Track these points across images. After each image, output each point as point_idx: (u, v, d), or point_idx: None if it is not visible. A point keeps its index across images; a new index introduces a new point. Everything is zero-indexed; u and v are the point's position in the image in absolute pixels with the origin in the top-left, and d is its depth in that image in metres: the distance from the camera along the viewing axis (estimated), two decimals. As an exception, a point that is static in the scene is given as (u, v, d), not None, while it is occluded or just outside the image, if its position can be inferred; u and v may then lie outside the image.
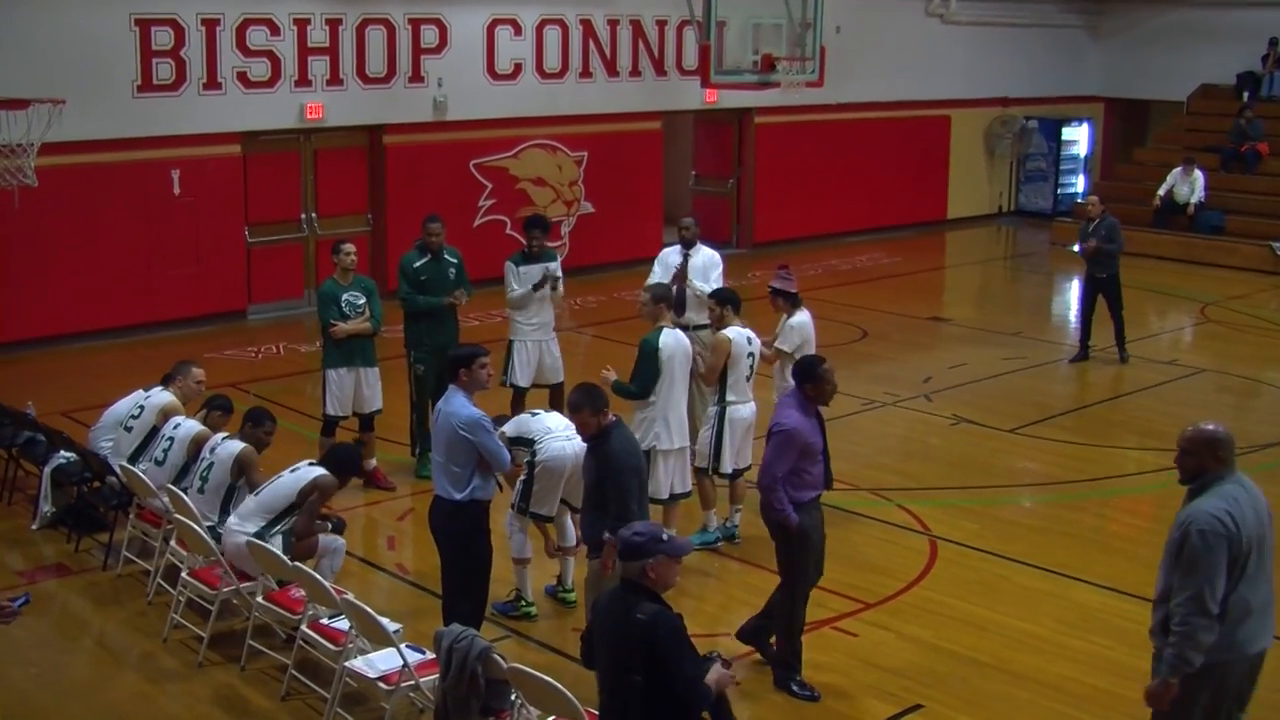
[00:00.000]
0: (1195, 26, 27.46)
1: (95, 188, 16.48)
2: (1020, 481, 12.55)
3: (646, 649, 5.54)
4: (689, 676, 5.57)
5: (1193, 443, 6.29)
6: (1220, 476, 6.24)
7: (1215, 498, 6.17)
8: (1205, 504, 6.15)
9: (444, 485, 8.23)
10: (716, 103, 22.40)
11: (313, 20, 18.10)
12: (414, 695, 7.57)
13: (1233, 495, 6.19)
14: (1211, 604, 6.06)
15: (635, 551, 5.67)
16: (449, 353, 8.78)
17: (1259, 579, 6.26)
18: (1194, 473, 6.29)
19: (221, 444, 9.47)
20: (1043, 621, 9.38)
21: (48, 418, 12.07)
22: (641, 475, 7.93)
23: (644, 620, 5.54)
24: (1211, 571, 6.06)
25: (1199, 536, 6.08)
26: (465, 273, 12.22)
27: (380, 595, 9.69)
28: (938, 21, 26.04)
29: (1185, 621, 6.11)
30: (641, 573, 5.65)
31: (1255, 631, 6.31)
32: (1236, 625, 6.21)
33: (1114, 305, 16.20)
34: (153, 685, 8.47)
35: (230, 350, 16.65)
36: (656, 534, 5.73)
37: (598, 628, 5.87)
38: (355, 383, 11.59)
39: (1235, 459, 6.37)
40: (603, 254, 21.23)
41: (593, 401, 7.80)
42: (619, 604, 5.71)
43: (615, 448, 7.79)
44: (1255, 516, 6.23)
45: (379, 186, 19.25)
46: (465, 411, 8.20)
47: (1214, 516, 6.09)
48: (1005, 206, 28.56)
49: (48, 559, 10.41)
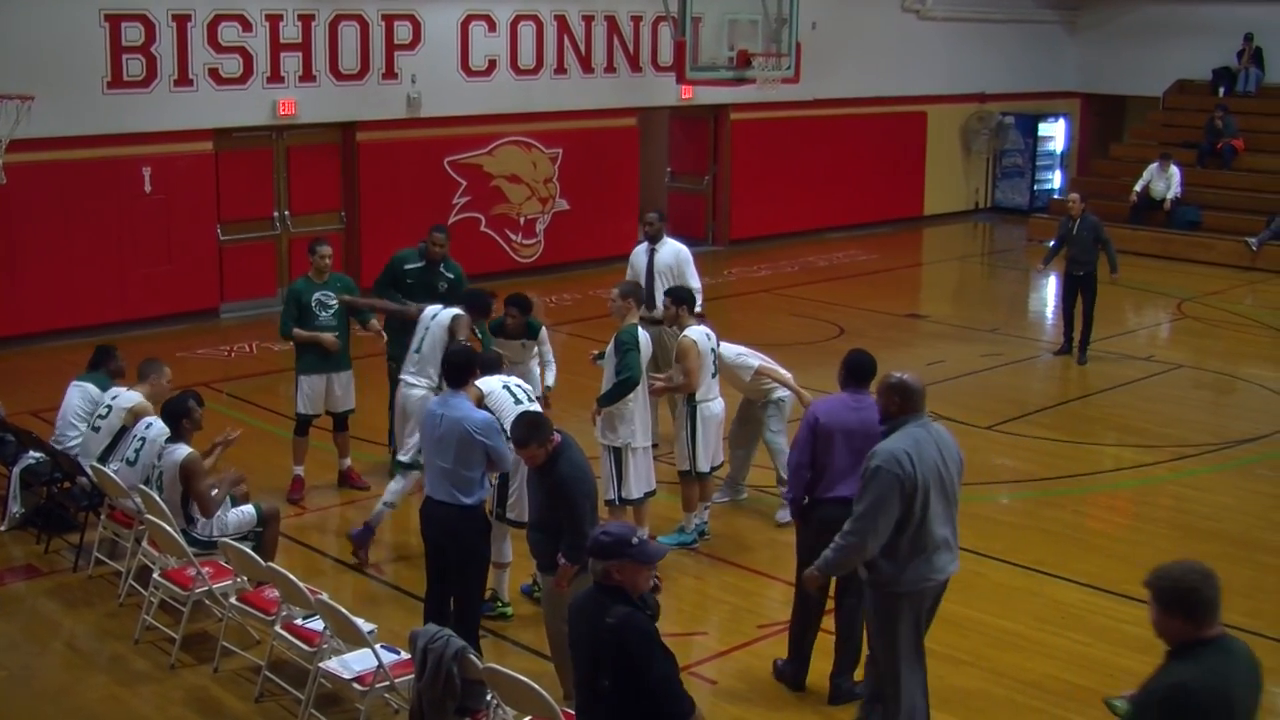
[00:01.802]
0: (1171, 22, 27.55)
1: (65, 185, 16.35)
2: (998, 478, 12.52)
3: (616, 651, 5.46)
4: (661, 676, 5.49)
5: (887, 389, 7.04)
6: (907, 420, 6.93)
7: (899, 438, 6.88)
8: (889, 444, 6.86)
9: (449, 491, 8.04)
10: (692, 99, 22.37)
11: (285, 16, 17.99)
12: (389, 696, 7.51)
13: (916, 437, 6.88)
14: (871, 528, 6.78)
15: (602, 552, 5.60)
16: (449, 358, 8.49)
17: (942, 514, 6.93)
18: (887, 415, 7.02)
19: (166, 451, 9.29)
20: (1021, 619, 9.36)
21: (17, 417, 11.97)
22: (592, 498, 7.77)
23: (613, 623, 5.47)
24: (881, 501, 6.75)
25: (874, 470, 6.79)
26: (460, 286, 11.68)
27: (355, 595, 9.61)
28: (914, 17, 26.06)
29: (847, 536, 6.90)
30: (605, 573, 5.58)
31: (943, 562, 7.02)
32: (932, 555, 6.93)
33: (1088, 303, 16.16)
34: (124, 687, 8.38)
35: (202, 349, 16.54)
36: (627, 536, 5.64)
37: (572, 629, 5.80)
38: (327, 385, 11.48)
39: (924, 405, 7.05)
40: (578, 251, 21.18)
41: (539, 434, 7.53)
42: (591, 604, 5.63)
43: (564, 473, 7.55)
44: (938, 458, 6.90)
45: (352, 184, 19.14)
46: (478, 415, 8.12)
47: (894, 455, 6.78)
48: (982, 203, 28.60)
49: (16, 560, 10.28)
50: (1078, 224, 16.00)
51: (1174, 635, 4.84)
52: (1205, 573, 4.84)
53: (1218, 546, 10.68)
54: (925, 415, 7.05)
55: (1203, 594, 4.79)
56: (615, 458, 9.67)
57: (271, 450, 12.35)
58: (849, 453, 7.91)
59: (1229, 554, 10.53)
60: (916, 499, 6.79)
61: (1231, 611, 9.43)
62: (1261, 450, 13.14)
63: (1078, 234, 15.98)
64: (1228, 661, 4.81)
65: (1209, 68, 27.33)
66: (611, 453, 9.69)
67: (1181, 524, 11.21)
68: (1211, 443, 13.30)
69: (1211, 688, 4.71)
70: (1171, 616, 4.83)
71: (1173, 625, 4.83)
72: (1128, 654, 8.78)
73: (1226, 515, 11.41)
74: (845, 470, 7.88)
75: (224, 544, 8.57)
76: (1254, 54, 26.79)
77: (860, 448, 7.87)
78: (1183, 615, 4.80)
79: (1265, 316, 19.64)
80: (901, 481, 6.73)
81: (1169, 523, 11.29)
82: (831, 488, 7.98)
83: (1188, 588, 4.80)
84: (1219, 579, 4.85)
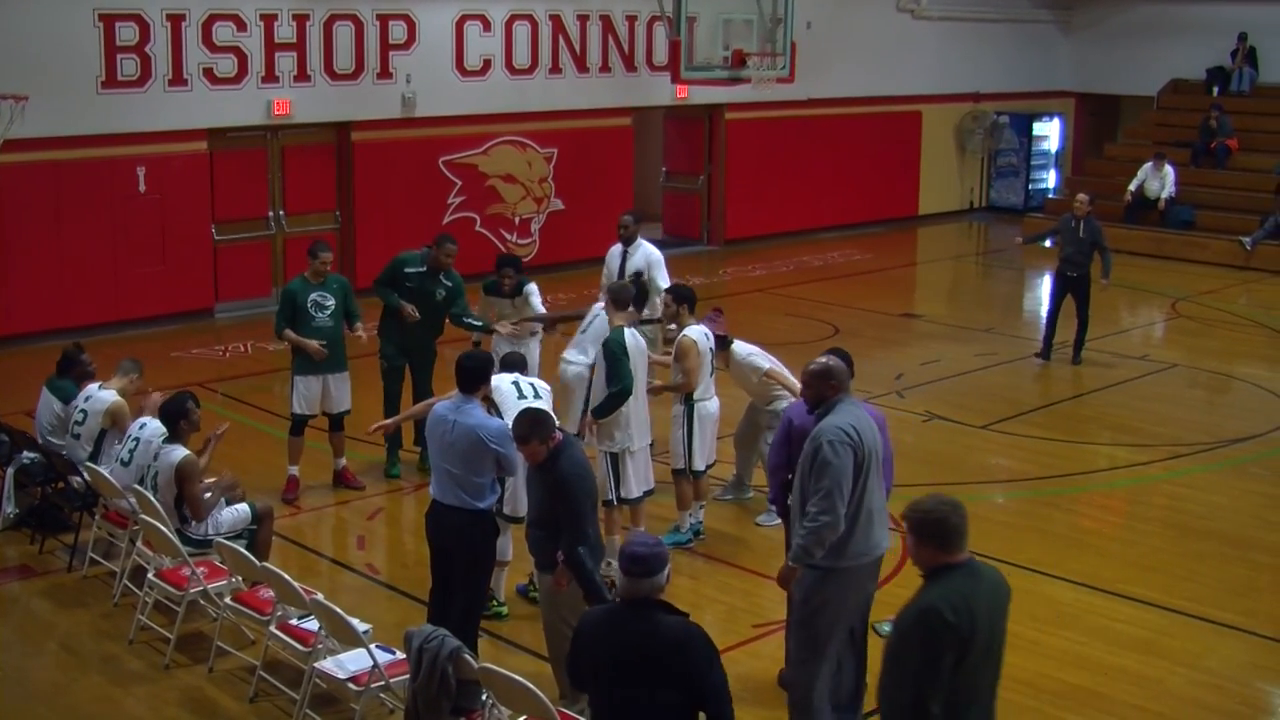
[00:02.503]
0: (1165, 21, 27.59)
1: (59, 185, 16.33)
2: (993, 478, 12.53)
3: (680, 662, 5.38)
4: (721, 681, 5.47)
5: (811, 376, 7.21)
6: (839, 400, 7.11)
7: (839, 416, 7.04)
8: (831, 421, 7.01)
9: (459, 496, 7.97)
10: (687, 99, 22.36)
11: (280, 16, 17.97)
12: (384, 696, 7.51)
13: (852, 413, 7.10)
14: (840, 503, 6.89)
15: (649, 567, 5.48)
16: (464, 362, 8.40)
17: (875, 487, 7.15)
18: (816, 401, 7.16)
19: (163, 452, 9.28)
20: (1016, 618, 9.16)
21: (11, 418, 11.94)
22: (593, 496, 7.75)
23: (677, 633, 5.41)
24: (840, 475, 6.89)
25: (829, 447, 6.90)
26: (456, 297, 11.84)
27: (350, 595, 9.58)
28: (908, 17, 26.07)
29: (816, 518, 6.91)
30: (656, 588, 5.48)
31: (880, 537, 7.24)
32: (867, 530, 7.10)
33: (1082, 304, 16.08)
34: (119, 688, 8.36)
35: (197, 349, 16.52)
36: (663, 552, 5.58)
37: (599, 649, 5.60)
38: (323, 386, 11.47)
39: (849, 383, 7.26)
40: (573, 251, 21.14)
41: (540, 430, 7.49)
42: (623, 619, 5.51)
43: (565, 471, 7.51)
44: (870, 432, 7.11)
45: (347, 184, 19.13)
46: (494, 423, 8.08)
47: (840, 429, 6.94)
48: (977, 202, 28.61)
49: (11, 561, 10.25)
50: (1082, 225, 15.90)
51: (926, 561, 5.37)
52: (954, 504, 5.39)
53: (1212, 545, 10.70)
54: (851, 395, 7.29)
55: (950, 522, 5.32)
56: (613, 461, 9.66)
57: (267, 450, 12.33)
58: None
59: (1223, 553, 10.56)
60: (863, 471, 7.01)
61: (1226, 610, 9.53)
62: (1256, 449, 13.14)
63: (1081, 235, 15.87)
64: (973, 583, 5.35)
65: (1203, 67, 27.37)
66: (609, 457, 9.67)
67: (1176, 523, 11.22)
68: (1206, 442, 13.31)
69: (957, 607, 5.21)
70: (924, 544, 5.36)
71: (924, 552, 5.36)
72: (1123, 652, 8.79)
73: (1221, 514, 11.42)
74: None
75: (219, 544, 8.56)
76: (1248, 53, 26.83)
77: None
78: (934, 543, 5.33)
79: (1259, 316, 19.66)
80: (855, 451, 6.94)
81: (1163, 522, 11.29)
82: None
83: (938, 518, 5.33)
84: (966, 510, 5.37)
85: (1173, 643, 9.00)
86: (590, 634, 5.64)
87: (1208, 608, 9.48)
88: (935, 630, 5.19)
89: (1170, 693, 8.32)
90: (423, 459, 11.22)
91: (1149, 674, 8.54)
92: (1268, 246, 22.79)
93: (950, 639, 5.17)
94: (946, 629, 5.17)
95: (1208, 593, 9.76)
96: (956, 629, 5.18)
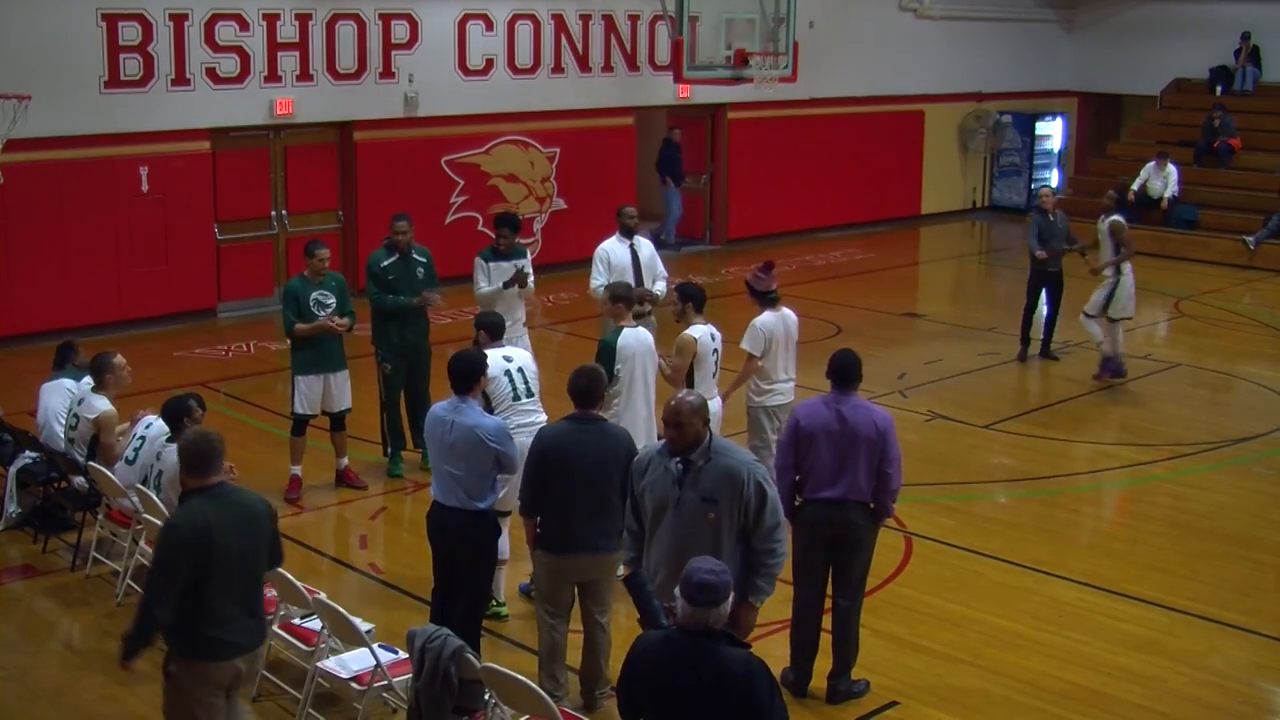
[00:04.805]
0: (1168, 21, 27.55)
1: (62, 185, 16.32)
2: (996, 477, 12.53)
3: (744, 696, 5.18)
4: (780, 718, 5.27)
5: (682, 415, 6.73)
6: (711, 434, 6.84)
7: (739, 450, 6.97)
8: (742, 454, 6.89)
9: (460, 496, 7.96)
10: (689, 98, 22.35)
11: (282, 16, 17.97)
12: (387, 695, 7.50)
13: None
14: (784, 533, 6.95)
15: (716, 596, 5.22)
16: (454, 365, 8.41)
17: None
18: (695, 441, 6.76)
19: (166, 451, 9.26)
20: (1019, 617, 9.35)
21: (14, 417, 11.93)
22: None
23: (742, 667, 5.20)
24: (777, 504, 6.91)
25: (768, 480, 6.84)
26: (434, 272, 12.12)
27: (352, 595, 9.59)
28: (911, 16, 26.06)
29: (780, 556, 6.89)
30: (720, 618, 5.24)
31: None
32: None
33: (1056, 299, 16.06)
34: (122, 687, 8.35)
35: (200, 349, 16.52)
36: (730, 580, 5.34)
37: (658, 679, 5.36)
38: (324, 386, 11.47)
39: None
40: (575, 251, 21.01)
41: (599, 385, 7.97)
42: (694, 652, 5.26)
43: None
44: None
45: (349, 183, 19.13)
46: (491, 422, 8.08)
47: (760, 463, 7.03)
48: (979, 202, 28.59)
49: (14, 560, 10.27)
50: (1057, 217, 15.82)
51: (184, 485, 6.24)
52: (203, 433, 6.36)
53: (1215, 545, 10.69)
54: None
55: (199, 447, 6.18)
56: None
57: (269, 450, 12.34)
58: (832, 454, 7.94)
59: (1226, 552, 10.55)
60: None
61: (1229, 610, 9.53)
62: (1259, 449, 13.14)
63: (1059, 226, 15.75)
64: (216, 505, 6.13)
65: (1206, 66, 27.34)
66: None
67: (1179, 522, 11.21)
68: (1209, 441, 13.30)
69: (193, 524, 6.06)
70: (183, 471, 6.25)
71: (183, 477, 6.26)
72: (1125, 652, 8.78)
73: (1224, 514, 11.41)
74: (829, 471, 7.93)
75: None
76: (1251, 53, 26.80)
77: (843, 448, 7.90)
78: (185, 471, 6.22)
79: (1263, 315, 19.65)
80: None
81: (1166, 521, 11.28)
82: (817, 489, 8.00)
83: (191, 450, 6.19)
84: (218, 439, 6.26)
85: (1176, 642, 8.99)
86: (647, 662, 5.38)
87: (1211, 607, 9.47)
88: (171, 544, 6.08)
89: (1173, 692, 8.31)
90: (424, 458, 11.23)
91: (1152, 674, 8.53)
92: (1271, 246, 22.78)
93: (186, 553, 6.00)
94: (179, 545, 6.04)
95: (1211, 592, 9.75)
96: (188, 546, 6.00)
